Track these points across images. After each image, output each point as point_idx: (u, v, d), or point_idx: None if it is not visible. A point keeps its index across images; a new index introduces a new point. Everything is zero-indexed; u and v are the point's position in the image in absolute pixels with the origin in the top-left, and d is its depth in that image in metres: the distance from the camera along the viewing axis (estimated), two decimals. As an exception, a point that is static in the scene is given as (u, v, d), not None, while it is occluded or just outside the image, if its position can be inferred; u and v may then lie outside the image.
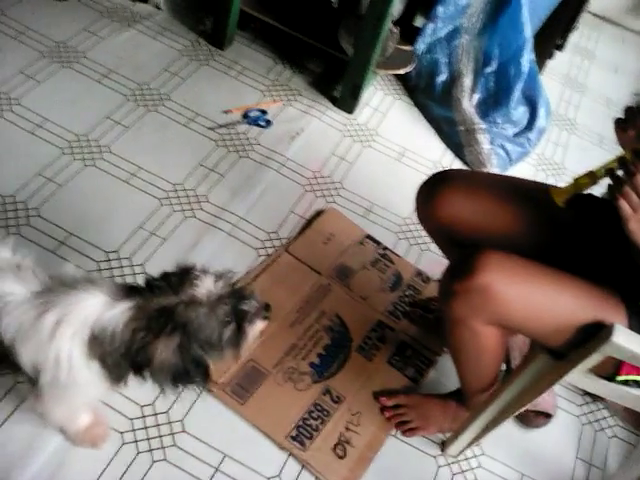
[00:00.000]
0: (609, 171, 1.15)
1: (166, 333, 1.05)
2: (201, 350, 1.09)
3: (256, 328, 1.18)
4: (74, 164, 1.97)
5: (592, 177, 1.19)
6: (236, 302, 1.11)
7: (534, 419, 1.74)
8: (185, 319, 1.06)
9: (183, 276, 1.09)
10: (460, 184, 1.48)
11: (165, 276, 1.12)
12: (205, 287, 1.08)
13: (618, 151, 2.81)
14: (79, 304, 1.09)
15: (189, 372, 1.10)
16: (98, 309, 1.08)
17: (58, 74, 2.21)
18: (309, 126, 2.38)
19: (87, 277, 1.15)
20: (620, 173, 1.13)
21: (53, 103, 2.11)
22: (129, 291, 1.12)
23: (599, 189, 1.26)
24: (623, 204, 1.11)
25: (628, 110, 1.24)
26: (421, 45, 2.55)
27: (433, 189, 1.51)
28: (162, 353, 1.06)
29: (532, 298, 1.26)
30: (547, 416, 1.74)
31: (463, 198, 1.46)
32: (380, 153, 2.39)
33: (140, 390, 1.28)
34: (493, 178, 1.68)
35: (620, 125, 1.23)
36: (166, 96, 2.28)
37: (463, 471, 1.65)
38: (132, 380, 1.17)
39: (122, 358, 1.08)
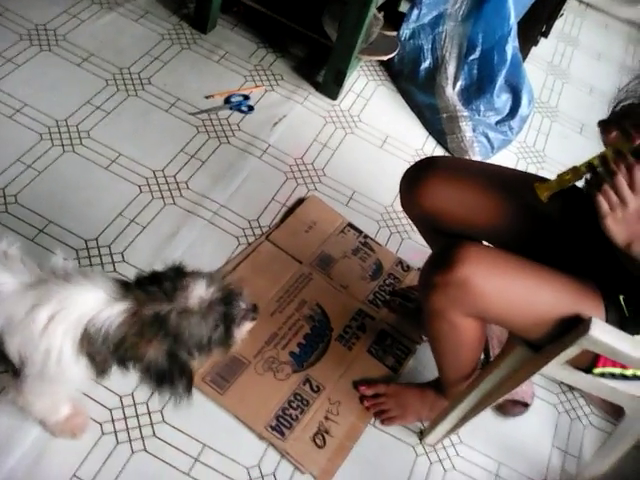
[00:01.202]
0: (590, 168, 1.16)
1: (158, 338, 1.07)
2: (188, 354, 1.11)
3: (244, 329, 1.19)
4: (53, 150, 1.94)
5: (575, 173, 1.19)
6: (226, 306, 1.13)
7: (511, 408, 1.76)
8: (177, 327, 1.07)
9: (176, 281, 1.10)
10: (445, 172, 1.48)
11: (156, 277, 1.12)
12: (197, 294, 1.09)
13: (598, 138, 2.81)
14: (75, 300, 1.08)
15: (173, 377, 1.11)
16: (95, 307, 1.08)
17: (37, 57, 2.18)
18: (292, 112, 2.36)
19: (80, 270, 1.14)
20: (600, 170, 1.13)
21: (32, 87, 2.08)
22: (124, 290, 1.11)
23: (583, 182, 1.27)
24: (601, 202, 1.11)
25: (612, 114, 1.24)
26: (405, 31, 2.54)
27: (418, 176, 1.51)
28: (151, 355, 1.07)
29: (511, 292, 1.26)
30: (524, 405, 1.76)
31: (447, 186, 1.46)
32: (362, 140, 2.39)
33: (119, 380, 1.27)
34: (478, 166, 1.68)
35: (604, 126, 1.23)
36: (147, 81, 2.25)
37: (441, 460, 1.67)
38: (114, 372, 1.16)
39: (110, 355, 1.09)
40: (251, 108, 2.30)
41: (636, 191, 1.09)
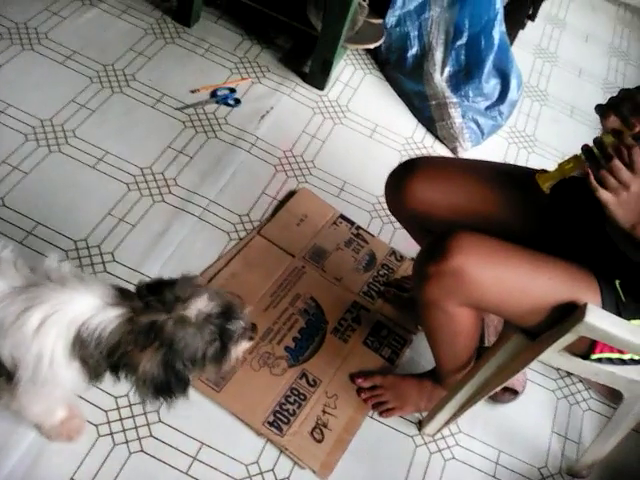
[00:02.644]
0: (590, 154, 1.13)
1: (154, 348, 1.06)
2: (183, 366, 1.09)
3: (240, 348, 1.19)
4: (39, 150, 1.92)
5: (577, 161, 1.17)
6: (224, 321, 1.11)
7: (501, 395, 1.75)
8: (172, 336, 1.06)
9: (177, 291, 1.09)
10: (428, 171, 1.48)
11: (158, 286, 1.10)
12: (196, 306, 1.08)
13: (588, 121, 2.80)
14: (68, 304, 1.07)
15: (170, 386, 1.10)
16: (88, 311, 1.07)
17: (19, 57, 2.15)
18: (279, 104, 2.34)
19: (76, 274, 1.13)
20: (598, 154, 1.11)
21: (15, 87, 2.05)
22: (121, 296, 1.10)
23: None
24: (601, 189, 1.10)
25: (610, 99, 1.22)
26: (391, 18, 2.51)
27: (401, 178, 1.51)
28: (146, 365, 1.06)
29: (506, 280, 1.26)
30: (514, 393, 1.76)
31: (432, 185, 1.46)
32: (352, 130, 2.37)
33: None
34: (460, 163, 1.68)
35: (602, 112, 1.21)
36: (131, 77, 2.23)
37: (440, 450, 1.66)
38: (108, 378, 1.15)
39: (103, 360, 1.08)
40: (238, 101, 2.28)
41: (636, 173, 1.08)
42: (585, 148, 1.14)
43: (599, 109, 1.18)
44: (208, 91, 2.28)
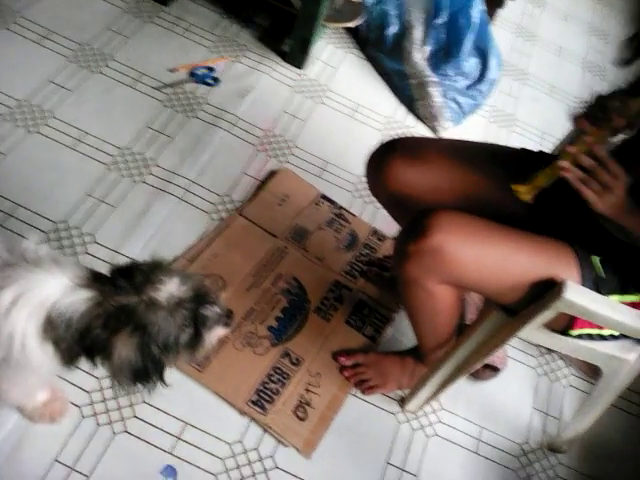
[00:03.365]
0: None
1: (127, 332, 1.04)
2: (159, 350, 1.08)
3: (215, 334, 1.17)
4: (17, 132, 1.90)
5: (555, 171, 1.18)
6: (197, 307, 1.10)
7: (481, 372, 1.76)
8: (145, 320, 1.05)
9: (149, 275, 1.07)
10: (407, 152, 1.48)
11: (130, 270, 1.09)
12: (167, 289, 1.06)
13: (568, 100, 2.80)
14: (39, 284, 1.06)
15: (148, 371, 1.08)
16: (58, 292, 1.05)
17: (-6, 36, 2.12)
18: (259, 83, 2.33)
19: (52, 256, 1.11)
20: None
21: (-10, 67, 2.03)
22: (93, 279, 1.09)
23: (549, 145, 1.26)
24: (587, 191, 1.14)
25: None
26: (370, -4, 2.50)
27: (381, 160, 1.51)
28: (122, 351, 1.05)
29: (485, 258, 1.27)
30: (494, 370, 1.77)
31: (412, 166, 1.46)
32: (332, 109, 2.36)
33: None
34: (440, 142, 1.68)
35: (575, 119, 1.23)
36: (109, 56, 2.20)
37: (423, 426, 1.68)
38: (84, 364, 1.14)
39: (76, 344, 1.07)
40: (217, 80, 2.26)
41: (616, 177, 1.12)
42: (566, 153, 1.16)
43: (573, 118, 1.20)
44: (187, 70, 2.25)
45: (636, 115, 1.16)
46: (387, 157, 1.49)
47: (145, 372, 1.09)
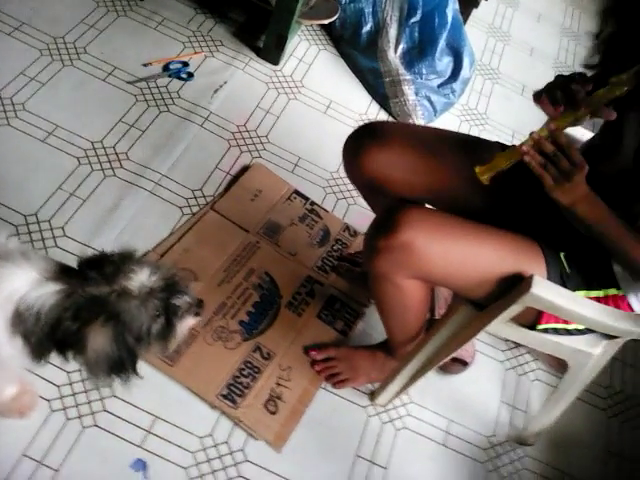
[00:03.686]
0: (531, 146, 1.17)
1: (99, 322, 1.03)
2: (134, 340, 1.07)
3: (186, 324, 1.17)
4: (-14, 124, 1.88)
5: (516, 152, 1.19)
6: (168, 296, 1.10)
7: (450, 366, 1.79)
8: (118, 309, 1.04)
9: (119, 265, 1.07)
10: (385, 137, 1.48)
11: (101, 261, 1.08)
12: (138, 279, 1.06)
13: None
14: (7, 278, 1.05)
15: (124, 361, 1.08)
16: (26, 286, 1.05)
17: (-36, 27, 2.10)
18: (233, 78, 2.33)
19: (21, 250, 1.10)
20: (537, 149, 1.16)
21: (-40, 59, 2.00)
22: (62, 272, 1.08)
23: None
24: (546, 176, 1.14)
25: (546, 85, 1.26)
26: (345, -6, 2.51)
27: (359, 143, 1.52)
28: (96, 341, 1.04)
29: (454, 253, 1.28)
30: (463, 364, 1.80)
31: (389, 151, 1.47)
32: (306, 105, 2.37)
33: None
34: (418, 130, 1.68)
35: (536, 98, 1.25)
36: (82, 50, 2.18)
37: (392, 420, 1.69)
38: (55, 358, 1.14)
39: (46, 338, 1.06)
40: (191, 75, 2.26)
41: (574, 164, 1.13)
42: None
43: (533, 96, 1.22)
44: (160, 64, 2.25)
45: (600, 105, 1.18)
46: (365, 141, 1.50)
47: (121, 362, 1.08)
